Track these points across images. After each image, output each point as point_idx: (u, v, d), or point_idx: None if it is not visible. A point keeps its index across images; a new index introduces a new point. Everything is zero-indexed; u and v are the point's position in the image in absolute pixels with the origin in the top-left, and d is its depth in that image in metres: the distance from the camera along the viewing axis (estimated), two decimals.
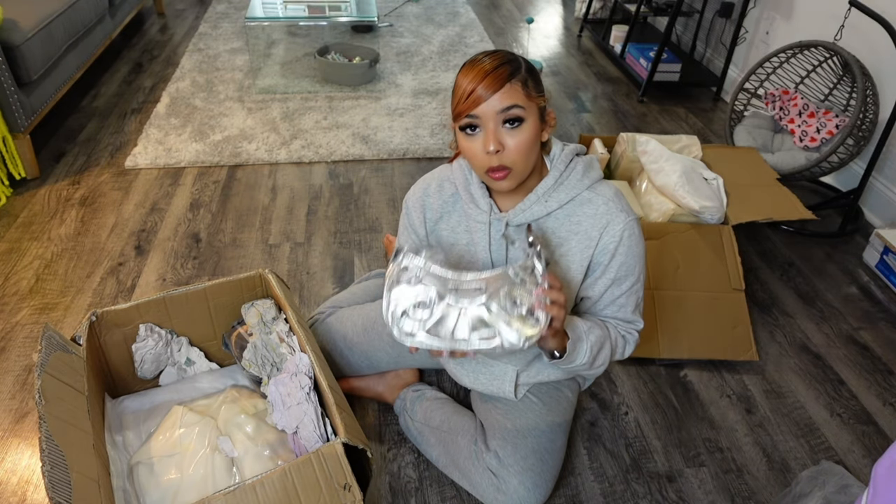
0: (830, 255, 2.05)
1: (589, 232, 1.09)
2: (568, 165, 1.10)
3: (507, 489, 1.19)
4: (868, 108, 2.09)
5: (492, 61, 1.00)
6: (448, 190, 1.18)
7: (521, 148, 1.00)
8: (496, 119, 0.99)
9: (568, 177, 1.09)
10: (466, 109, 0.99)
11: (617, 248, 1.08)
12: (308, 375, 1.19)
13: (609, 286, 1.12)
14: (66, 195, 2.16)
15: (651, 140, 1.87)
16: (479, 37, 3.59)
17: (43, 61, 2.20)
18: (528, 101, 1.00)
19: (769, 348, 1.70)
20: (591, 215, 1.09)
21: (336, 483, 1.00)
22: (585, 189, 1.10)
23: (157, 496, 1.14)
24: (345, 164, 2.41)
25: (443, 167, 1.21)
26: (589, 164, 1.12)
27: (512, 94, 0.98)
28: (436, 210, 1.19)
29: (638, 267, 1.11)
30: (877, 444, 1.46)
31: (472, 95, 0.98)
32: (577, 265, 1.11)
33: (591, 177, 1.11)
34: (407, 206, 1.23)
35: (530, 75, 1.02)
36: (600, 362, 1.12)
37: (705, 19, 3.23)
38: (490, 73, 0.98)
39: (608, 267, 1.10)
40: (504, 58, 1.00)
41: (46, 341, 1.10)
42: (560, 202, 1.09)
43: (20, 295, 1.75)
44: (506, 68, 0.99)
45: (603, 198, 1.09)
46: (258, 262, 1.91)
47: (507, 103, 0.98)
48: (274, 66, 3.14)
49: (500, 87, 0.98)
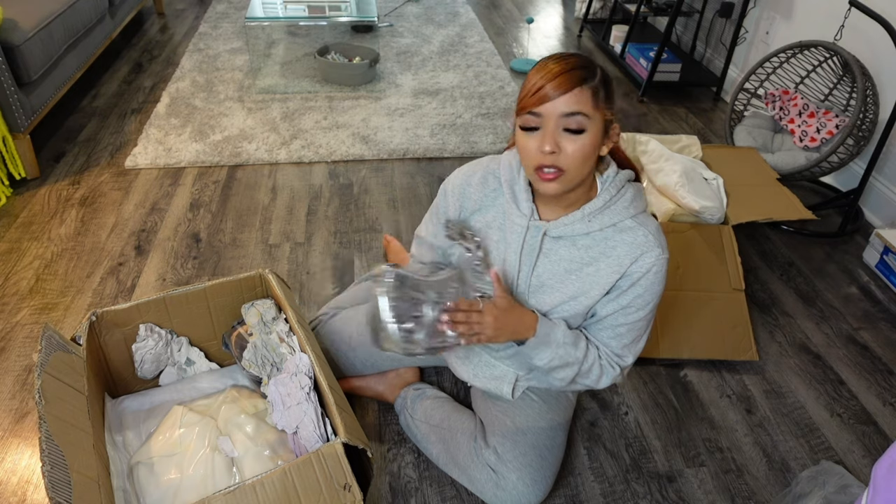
0: (830, 255, 2.05)
1: (622, 259, 1.08)
2: (619, 190, 1.09)
3: (507, 485, 1.19)
4: (868, 108, 2.09)
5: (567, 62, 0.98)
6: (491, 184, 1.16)
7: (577, 155, 0.99)
8: (558, 121, 0.97)
9: (617, 202, 1.08)
10: (530, 105, 0.98)
11: (640, 279, 1.07)
12: (308, 375, 1.19)
13: (617, 311, 1.11)
14: (66, 195, 2.16)
15: (651, 140, 1.87)
16: (479, 37, 3.59)
17: (43, 61, 2.20)
18: (595, 110, 0.98)
19: (769, 348, 1.70)
20: (629, 243, 1.08)
21: (336, 483, 1.00)
22: (630, 217, 1.09)
23: (157, 496, 1.14)
24: (345, 164, 2.41)
25: (490, 158, 1.19)
26: (638, 193, 1.11)
27: (580, 99, 0.97)
28: (474, 201, 1.17)
29: (651, 304, 1.11)
30: (877, 444, 1.46)
31: (540, 92, 0.97)
32: (599, 288, 1.10)
33: (638, 206, 1.10)
34: (445, 192, 1.21)
35: (603, 85, 1.00)
36: (560, 376, 1.13)
37: (705, 19, 3.23)
38: (562, 73, 0.96)
39: (625, 293, 1.09)
40: (580, 62, 0.99)
41: (46, 341, 1.10)
42: (602, 225, 1.08)
43: (20, 295, 1.75)
44: (579, 73, 0.97)
45: (644, 229, 1.08)
46: (258, 262, 1.91)
47: (573, 108, 0.96)
48: (274, 66, 3.14)
49: (569, 89, 0.96)
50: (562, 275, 1.11)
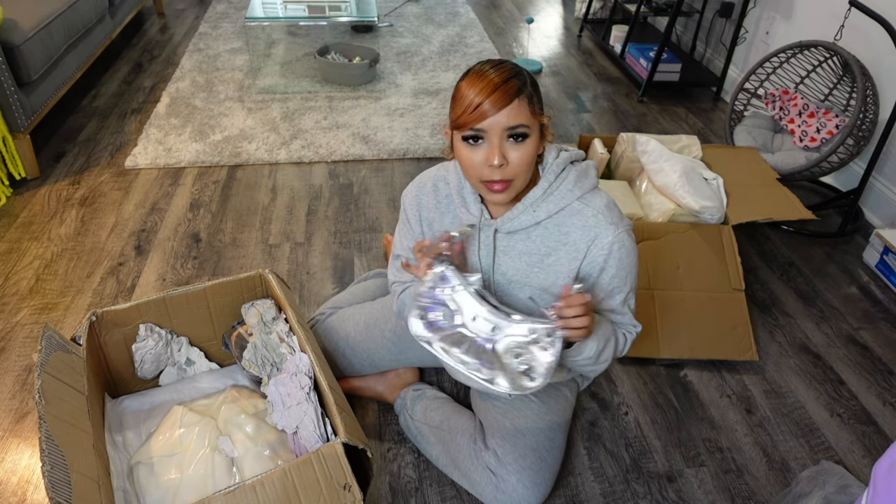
0: (830, 255, 2.05)
1: (577, 244, 1.08)
2: (559, 175, 1.09)
3: (506, 488, 1.19)
4: (868, 108, 2.09)
5: (499, 74, 0.98)
6: (443, 190, 1.18)
7: (523, 162, 1.00)
8: (502, 134, 0.98)
9: (558, 187, 1.08)
10: (472, 122, 0.98)
11: (606, 260, 1.07)
12: (308, 375, 1.19)
13: (603, 298, 1.12)
14: (66, 195, 2.16)
15: (651, 140, 1.87)
16: (479, 37, 3.59)
17: (43, 61, 2.20)
18: (533, 118, 1.00)
19: (769, 348, 1.70)
20: (581, 227, 1.08)
21: (336, 483, 1.00)
22: (576, 199, 1.08)
23: (157, 496, 1.14)
24: (345, 164, 2.41)
25: (440, 166, 1.21)
26: (583, 173, 1.11)
27: (520, 111, 0.97)
28: (430, 209, 1.19)
29: (630, 278, 1.11)
30: (877, 444, 1.46)
31: (479, 109, 0.97)
32: (563, 277, 1.10)
33: (584, 186, 1.09)
34: (403, 205, 1.23)
35: (534, 90, 1.01)
36: (605, 357, 1.11)
37: (705, 19, 3.23)
38: (499, 87, 0.96)
39: (598, 280, 1.09)
40: (511, 71, 0.99)
41: (46, 341, 1.10)
42: (549, 212, 1.08)
43: (20, 295, 1.75)
44: (514, 83, 0.97)
45: (592, 209, 1.08)
46: (258, 262, 1.91)
47: (515, 122, 0.97)
48: (274, 66, 3.14)
49: (508, 103, 0.96)
50: (524, 269, 1.12)
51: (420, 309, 1.04)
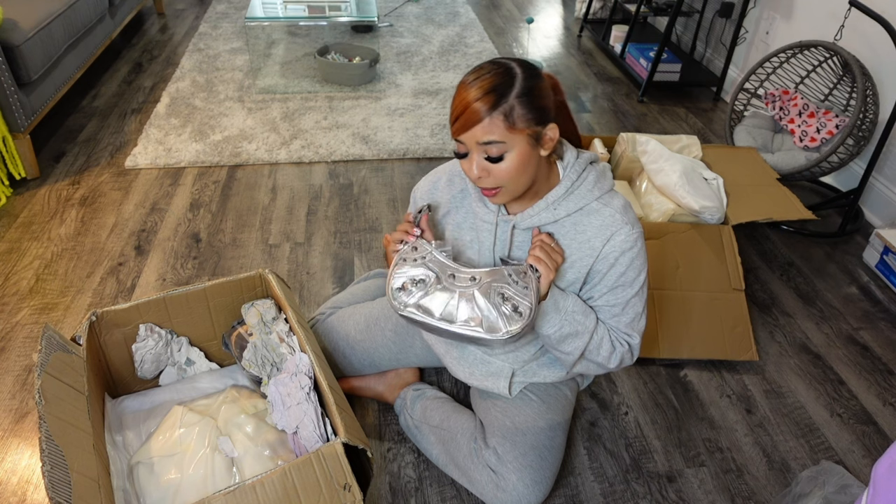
0: (830, 255, 2.05)
1: (592, 241, 1.09)
2: (580, 175, 1.10)
3: (507, 486, 1.19)
4: (868, 108, 2.09)
5: (479, 88, 0.96)
6: (458, 185, 1.19)
7: (505, 174, 1.00)
8: (478, 148, 0.99)
9: (579, 186, 1.09)
10: (454, 132, 1.00)
11: (618, 258, 1.08)
12: (308, 375, 1.19)
13: (605, 293, 1.12)
14: (66, 195, 2.16)
15: (651, 140, 1.87)
16: (479, 37, 3.59)
17: (43, 61, 2.20)
18: (510, 133, 0.96)
19: (769, 348, 1.70)
20: (598, 226, 1.09)
21: (336, 483, 1.00)
22: (595, 199, 1.09)
23: (157, 496, 1.14)
24: (345, 164, 2.41)
25: (454, 161, 1.22)
26: (602, 174, 1.12)
27: (492, 129, 0.96)
28: (443, 204, 1.20)
29: (640, 279, 1.11)
30: (877, 444, 1.46)
31: (457, 122, 0.99)
32: (574, 273, 1.11)
33: (603, 187, 1.11)
34: (415, 198, 1.24)
35: (520, 101, 0.96)
36: (569, 349, 1.11)
37: (705, 19, 3.23)
38: (473, 102, 0.96)
39: (606, 275, 1.10)
40: (493, 82, 0.96)
41: (46, 341, 1.10)
42: (569, 211, 1.09)
43: (20, 295, 1.75)
44: (491, 97, 0.95)
45: (611, 209, 1.09)
46: (258, 262, 1.91)
47: (486, 139, 0.97)
48: (274, 66, 3.14)
49: (479, 120, 0.96)
50: None
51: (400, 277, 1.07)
